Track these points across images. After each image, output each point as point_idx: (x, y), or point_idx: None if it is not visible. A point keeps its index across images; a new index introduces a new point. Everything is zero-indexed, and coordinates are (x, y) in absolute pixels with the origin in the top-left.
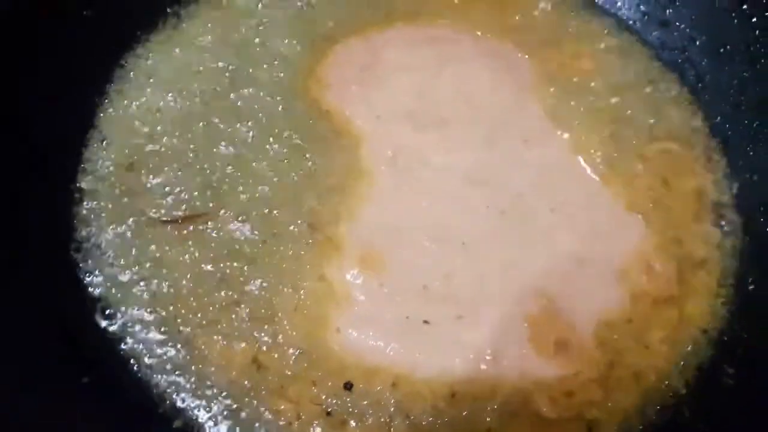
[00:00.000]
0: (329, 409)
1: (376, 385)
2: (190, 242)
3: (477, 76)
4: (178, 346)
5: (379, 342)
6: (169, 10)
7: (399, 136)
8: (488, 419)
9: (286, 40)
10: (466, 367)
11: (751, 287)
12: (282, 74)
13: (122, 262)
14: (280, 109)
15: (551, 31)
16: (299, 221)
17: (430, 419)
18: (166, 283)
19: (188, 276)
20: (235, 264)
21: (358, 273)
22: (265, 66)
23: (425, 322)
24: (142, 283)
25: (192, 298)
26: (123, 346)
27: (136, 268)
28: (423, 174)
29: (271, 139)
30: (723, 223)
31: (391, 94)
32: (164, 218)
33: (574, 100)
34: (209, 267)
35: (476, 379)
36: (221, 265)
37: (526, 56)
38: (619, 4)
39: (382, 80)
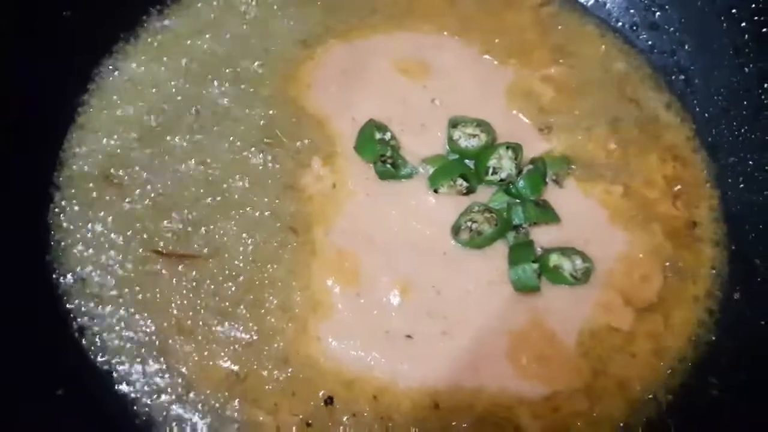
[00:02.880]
0: (309, 420)
1: (357, 395)
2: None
3: (460, 83)
4: (157, 358)
5: (360, 352)
6: (151, 9)
7: None
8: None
9: (270, 43)
10: (449, 381)
11: (736, 296)
12: (262, 73)
13: (99, 273)
14: (258, 110)
15: (539, 35)
16: (278, 224)
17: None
18: (144, 294)
19: (166, 287)
20: (215, 271)
21: (334, 282)
22: (247, 66)
23: (408, 336)
24: (118, 296)
25: (170, 309)
26: (99, 358)
27: (113, 280)
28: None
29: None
30: (709, 231)
31: (370, 99)
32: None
33: (559, 105)
34: (190, 280)
35: (459, 393)
36: (198, 274)
37: (512, 60)
38: (608, 6)
39: (363, 84)
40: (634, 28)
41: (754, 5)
